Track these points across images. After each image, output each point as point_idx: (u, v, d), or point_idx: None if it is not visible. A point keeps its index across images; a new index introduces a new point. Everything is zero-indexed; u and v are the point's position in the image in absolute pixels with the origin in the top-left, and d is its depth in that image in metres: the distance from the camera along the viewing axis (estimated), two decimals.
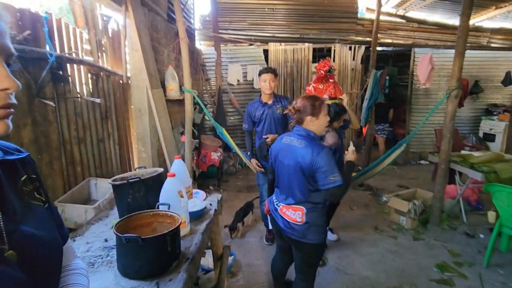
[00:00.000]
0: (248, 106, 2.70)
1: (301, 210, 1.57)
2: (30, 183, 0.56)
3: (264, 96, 2.60)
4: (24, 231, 0.49)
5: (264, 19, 5.53)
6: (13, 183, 0.52)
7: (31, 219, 0.52)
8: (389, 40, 5.81)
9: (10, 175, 0.52)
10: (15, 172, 0.54)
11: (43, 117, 1.80)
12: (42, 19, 1.78)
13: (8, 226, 0.46)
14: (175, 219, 1.09)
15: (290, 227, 1.60)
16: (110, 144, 2.60)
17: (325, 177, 1.46)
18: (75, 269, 0.68)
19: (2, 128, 0.44)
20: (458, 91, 2.88)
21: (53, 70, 1.83)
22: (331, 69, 2.76)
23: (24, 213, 0.51)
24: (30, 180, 0.56)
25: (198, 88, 5.20)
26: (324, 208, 1.62)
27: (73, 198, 1.86)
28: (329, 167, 1.46)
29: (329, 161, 1.47)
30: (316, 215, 1.58)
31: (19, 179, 0.54)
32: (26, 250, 0.48)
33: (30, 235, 0.50)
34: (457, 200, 3.32)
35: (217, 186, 4.54)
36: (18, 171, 0.55)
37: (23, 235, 0.48)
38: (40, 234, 0.52)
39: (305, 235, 1.57)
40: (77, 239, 1.27)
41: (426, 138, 5.98)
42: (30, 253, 0.48)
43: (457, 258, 2.60)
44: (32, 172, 0.58)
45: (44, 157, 1.78)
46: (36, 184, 0.57)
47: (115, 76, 2.68)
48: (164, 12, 3.60)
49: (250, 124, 2.69)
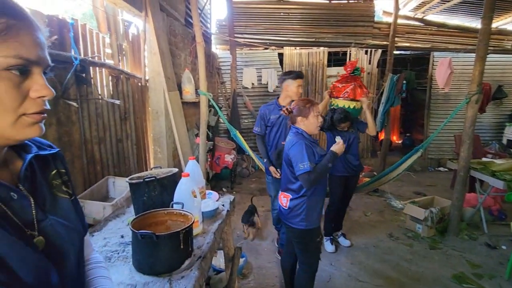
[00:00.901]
0: (262, 108, 2.55)
1: (287, 197, 1.81)
2: (59, 177, 0.60)
3: (285, 100, 2.45)
4: (52, 220, 0.53)
5: (280, 23, 5.56)
6: (44, 176, 0.57)
7: (58, 210, 0.56)
8: (407, 44, 5.70)
9: (43, 168, 0.57)
10: (47, 166, 0.59)
11: (66, 117, 1.89)
12: (69, 24, 1.88)
13: (39, 215, 0.51)
14: (188, 218, 1.12)
15: (280, 211, 1.89)
16: (128, 144, 2.69)
17: (296, 164, 1.67)
18: (98, 262, 0.73)
19: (37, 131, 0.48)
20: (479, 96, 2.79)
21: (77, 72, 1.93)
22: (356, 71, 2.72)
23: (52, 204, 0.55)
24: (59, 174, 0.61)
25: (214, 91, 5.28)
26: (309, 199, 1.75)
27: (93, 195, 1.93)
28: (299, 156, 1.66)
29: (300, 151, 1.67)
30: (298, 203, 1.76)
31: (50, 172, 0.59)
32: (52, 239, 0.52)
33: (57, 224, 0.54)
34: (477, 209, 3.19)
35: (230, 188, 4.57)
36: (50, 165, 0.60)
37: (51, 224, 0.52)
38: (65, 223, 0.56)
39: (288, 218, 1.81)
40: (95, 234, 1.33)
41: (445, 144, 5.80)
42: (56, 241, 0.52)
43: (477, 270, 2.50)
44: (62, 167, 0.63)
45: (66, 155, 1.87)
46: (64, 178, 0.62)
47: (134, 78, 2.78)
48: (182, 17, 3.70)
49: (262, 127, 2.53)
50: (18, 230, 0.47)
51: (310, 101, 1.81)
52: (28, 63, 0.45)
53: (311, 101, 1.81)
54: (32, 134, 0.48)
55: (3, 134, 0.46)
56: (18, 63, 0.44)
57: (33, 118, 0.47)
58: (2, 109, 0.43)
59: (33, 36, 0.46)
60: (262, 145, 2.58)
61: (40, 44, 0.47)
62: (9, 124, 0.45)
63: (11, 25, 0.43)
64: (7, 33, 0.43)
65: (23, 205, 0.49)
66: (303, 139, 1.74)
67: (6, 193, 0.47)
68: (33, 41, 0.46)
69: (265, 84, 5.57)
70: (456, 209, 3.04)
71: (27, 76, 0.46)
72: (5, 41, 0.42)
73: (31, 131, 0.48)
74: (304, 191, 1.75)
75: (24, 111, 0.46)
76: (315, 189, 1.75)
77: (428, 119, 5.87)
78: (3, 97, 0.43)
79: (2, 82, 0.43)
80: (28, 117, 0.46)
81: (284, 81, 2.43)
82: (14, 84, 0.44)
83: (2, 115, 0.44)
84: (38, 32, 0.47)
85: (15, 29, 0.43)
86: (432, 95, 5.80)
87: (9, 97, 0.44)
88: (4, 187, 0.47)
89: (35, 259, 0.47)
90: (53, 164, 0.60)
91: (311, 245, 1.86)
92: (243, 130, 5.42)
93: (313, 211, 1.77)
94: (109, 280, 0.70)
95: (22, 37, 0.44)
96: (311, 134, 1.80)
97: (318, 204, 1.82)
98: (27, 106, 0.46)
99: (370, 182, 3.32)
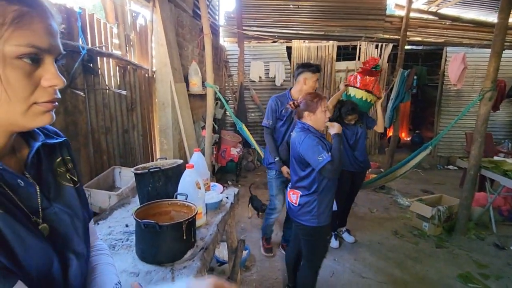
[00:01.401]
0: (273, 100, 2.31)
1: (296, 194, 1.78)
2: (63, 165, 0.61)
3: (299, 93, 2.25)
4: (56, 208, 0.53)
5: (289, 16, 5.48)
6: (50, 164, 0.57)
7: (62, 198, 0.56)
8: (419, 38, 5.55)
9: (48, 156, 0.58)
10: (52, 154, 0.59)
11: (74, 106, 1.90)
12: (76, 14, 1.88)
13: (44, 203, 0.51)
14: (191, 209, 1.12)
15: (289, 208, 1.86)
16: (135, 135, 2.70)
17: (313, 160, 1.62)
18: (101, 250, 0.73)
19: (48, 119, 0.48)
20: (492, 93, 2.70)
21: (85, 62, 1.93)
22: (378, 66, 2.70)
23: (56, 192, 0.56)
24: (64, 162, 0.61)
25: (221, 84, 5.26)
26: (320, 196, 1.71)
27: (99, 184, 1.96)
28: (314, 150, 1.61)
29: (313, 145, 1.62)
30: (309, 200, 1.72)
31: (55, 160, 0.59)
32: (56, 226, 0.52)
33: (61, 212, 0.54)
34: (486, 208, 3.13)
35: (235, 181, 4.58)
36: (55, 153, 0.60)
37: (54, 212, 0.53)
38: (69, 211, 0.56)
39: (298, 216, 1.78)
40: (101, 222, 1.34)
41: (456, 142, 5.68)
42: (59, 229, 0.53)
43: (484, 270, 2.46)
44: (67, 155, 0.63)
45: (73, 144, 1.89)
46: (70, 166, 0.62)
47: (141, 69, 2.78)
48: (190, 8, 3.67)
49: (273, 120, 2.31)
50: (24, 216, 0.47)
51: (318, 95, 1.75)
52: (40, 52, 0.44)
53: (319, 96, 1.74)
54: (43, 122, 0.48)
55: (15, 122, 0.46)
56: (30, 51, 0.43)
57: (45, 106, 0.47)
58: (14, 98, 0.43)
59: (46, 24, 0.45)
60: (272, 140, 2.34)
61: (52, 32, 0.46)
62: (21, 113, 0.45)
63: (24, 12, 0.42)
64: (20, 21, 0.42)
65: (29, 192, 0.49)
66: (307, 132, 1.70)
67: (13, 179, 0.47)
68: (46, 29, 0.45)
69: (273, 78, 5.52)
70: (465, 208, 2.99)
71: (38, 64, 0.45)
72: (17, 29, 0.42)
73: (42, 119, 0.48)
74: (315, 188, 1.70)
75: (36, 100, 0.46)
76: (326, 185, 1.70)
77: (439, 116, 5.75)
78: (15, 86, 0.43)
79: (14, 70, 0.42)
80: (40, 106, 0.46)
81: (302, 73, 2.24)
82: (26, 72, 0.43)
83: (14, 104, 0.43)
84: (51, 20, 0.46)
85: (28, 16, 0.43)
86: (443, 92, 5.66)
87: (21, 86, 0.43)
88: (11, 174, 0.47)
89: (39, 247, 0.47)
90: (59, 152, 0.61)
91: (320, 243, 1.83)
92: (249, 123, 5.40)
93: (324, 208, 1.73)
94: (112, 267, 0.70)
95: (34, 25, 0.43)
96: (318, 129, 1.75)
97: (330, 201, 1.77)
98: (39, 95, 0.46)
99: (376, 179, 3.28)
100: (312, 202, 1.72)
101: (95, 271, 0.66)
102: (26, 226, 0.46)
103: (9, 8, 0.41)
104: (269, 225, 2.65)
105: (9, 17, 0.41)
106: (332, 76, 5.61)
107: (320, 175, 1.66)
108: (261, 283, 2.28)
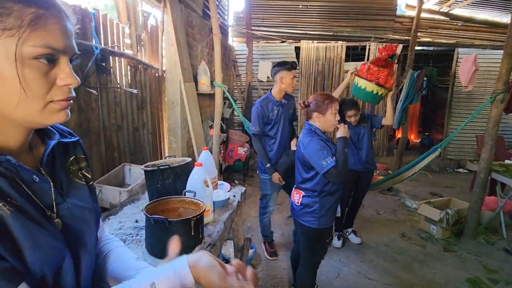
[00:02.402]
0: (259, 104, 2.28)
1: (299, 194, 1.79)
2: (76, 163, 0.63)
3: (279, 93, 2.30)
4: (69, 204, 0.56)
5: (297, 16, 5.47)
6: (63, 162, 0.60)
7: (74, 195, 0.59)
8: (430, 39, 5.47)
9: (62, 154, 0.60)
10: (66, 152, 0.62)
11: (87, 104, 1.96)
12: (90, 14, 1.93)
13: (58, 198, 0.54)
14: (199, 206, 1.14)
15: (292, 207, 1.87)
16: (144, 133, 2.75)
17: (317, 164, 1.61)
18: (110, 239, 0.75)
19: (63, 117, 0.51)
20: (504, 95, 2.65)
21: (98, 61, 1.99)
22: (394, 56, 2.56)
23: (68, 188, 0.58)
24: (76, 160, 0.64)
25: (229, 84, 5.30)
26: (323, 198, 1.71)
27: (110, 181, 2.01)
28: (319, 154, 1.61)
29: (318, 148, 1.62)
30: (311, 201, 1.73)
31: (68, 158, 0.62)
32: (69, 221, 0.55)
33: (74, 208, 0.57)
34: (497, 212, 3.07)
35: (242, 180, 4.61)
36: (69, 152, 0.63)
37: (67, 208, 0.55)
38: (82, 206, 0.59)
39: (299, 215, 1.79)
40: (111, 218, 1.38)
41: (467, 145, 5.58)
42: (72, 224, 0.55)
43: (493, 275, 2.42)
44: (81, 153, 0.66)
45: (86, 141, 1.94)
46: (83, 164, 0.65)
47: (151, 69, 2.83)
48: (199, 8, 3.71)
49: (261, 126, 2.28)
50: (38, 212, 0.49)
51: (330, 97, 1.74)
52: (55, 52, 0.46)
53: (330, 97, 1.73)
54: (59, 119, 0.50)
55: (32, 119, 0.48)
56: (46, 52, 0.45)
57: (60, 104, 0.49)
58: (31, 96, 0.45)
59: (61, 25, 0.47)
60: (262, 147, 2.33)
61: (67, 33, 0.48)
62: (38, 110, 0.47)
63: (40, 14, 0.44)
64: (36, 22, 0.44)
65: (43, 188, 0.52)
66: (312, 136, 1.69)
67: (29, 175, 0.50)
68: (61, 30, 0.47)
69: None
70: (474, 212, 2.94)
71: (54, 64, 0.47)
72: (34, 31, 0.43)
73: (58, 117, 0.50)
74: (319, 190, 1.70)
75: (51, 98, 0.48)
76: (330, 188, 1.70)
77: (449, 119, 5.66)
78: (32, 85, 0.45)
79: (31, 70, 0.44)
80: (55, 104, 0.48)
81: (277, 72, 2.25)
82: (42, 72, 0.45)
83: (31, 102, 0.45)
84: (66, 21, 0.48)
85: (44, 18, 0.44)
86: (454, 93, 5.57)
87: (37, 85, 0.45)
88: (27, 171, 0.50)
89: (51, 244, 0.48)
90: (72, 151, 0.63)
91: (318, 245, 1.83)
92: None
93: (327, 210, 1.72)
94: (124, 248, 0.73)
95: (50, 26, 0.45)
96: (325, 131, 1.75)
97: (333, 203, 1.76)
98: (54, 93, 0.48)
99: (384, 180, 3.26)
100: (314, 204, 1.73)
101: (111, 257, 0.68)
102: (39, 222, 0.47)
103: (27, 11, 0.43)
104: (267, 226, 2.64)
105: (26, 20, 0.43)
106: (340, 76, 5.58)
107: (325, 178, 1.66)
108: (266, 282, 2.30)
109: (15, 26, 0.42)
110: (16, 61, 0.43)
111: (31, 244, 0.45)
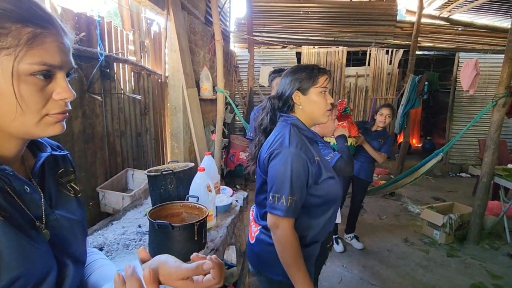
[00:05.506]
0: (256, 111, 2.26)
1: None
2: (65, 176, 0.65)
3: None
4: (57, 215, 0.57)
5: (298, 22, 5.53)
6: (53, 174, 0.62)
7: (62, 205, 0.60)
8: (430, 44, 5.50)
9: (52, 167, 0.62)
10: (56, 164, 0.63)
11: (91, 110, 1.98)
12: (96, 22, 1.97)
13: (47, 209, 0.55)
14: (202, 211, 1.15)
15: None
16: (147, 138, 2.77)
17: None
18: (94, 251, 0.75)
19: (58, 129, 0.52)
20: (506, 99, 2.66)
21: (102, 68, 2.01)
22: (347, 108, 2.62)
23: (57, 200, 0.59)
24: (66, 172, 0.65)
25: (231, 89, 5.33)
26: None
27: (113, 186, 2.02)
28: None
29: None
30: None
31: (57, 171, 0.63)
32: (57, 231, 0.55)
33: (62, 219, 0.57)
34: (500, 217, 3.05)
35: (243, 185, 4.61)
36: (58, 164, 0.64)
37: (56, 219, 0.56)
38: (70, 218, 0.60)
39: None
40: (115, 223, 1.39)
41: (469, 149, 5.57)
42: (60, 234, 0.56)
43: (497, 281, 2.40)
44: (70, 166, 0.67)
45: (90, 146, 1.96)
46: (70, 177, 0.66)
47: (154, 75, 2.86)
48: (202, 15, 3.76)
49: None
50: (27, 222, 0.49)
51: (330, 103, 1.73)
52: (52, 68, 0.47)
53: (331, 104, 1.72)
54: (54, 131, 0.51)
55: (28, 132, 0.49)
56: (43, 69, 0.46)
57: (56, 118, 0.50)
58: (28, 111, 0.46)
59: (58, 43, 0.48)
60: None
61: (64, 49, 0.49)
62: (34, 123, 0.48)
63: (37, 34, 0.45)
64: (33, 41, 0.45)
65: (34, 199, 0.52)
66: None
67: (21, 185, 0.51)
68: (58, 47, 0.48)
69: None
70: (477, 217, 2.92)
71: (51, 79, 0.48)
72: (30, 49, 0.45)
73: (54, 129, 0.51)
74: None
75: (47, 112, 0.49)
76: None
77: (451, 123, 5.66)
78: (29, 100, 0.46)
79: (28, 86, 0.46)
80: (51, 117, 0.50)
81: (274, 79, 2.25)
82: (38, 88, 0.47)
83: (27, 116, 0.47)
84: (63, 38, 0.49)
85: (41, 37, 0.46)
86: (455, 98, 5.58)
87: (33, 100, 0.47)
88: (20, 180, 0.51)
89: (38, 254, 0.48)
90: (61, 164, 0.65)
91: None
92: None
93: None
94: (108, 261, 0.73)
95: (47, 44, 0.46)
96: (323, 136, 1.73)
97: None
98: (50, 107, 0.49)
99: (386, 185, 3.26)
100: None
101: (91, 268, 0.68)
102: (27, 233, 0.48)
103: (24, 31, 0.44)
104: None
105: (23, 39, 0.44)
106: (341, 81, 5.61)
107: None
108: None
109: (12, 45, 0.43)
110: (12, 78, 0.44)
111: (17, 256, 0.45)
